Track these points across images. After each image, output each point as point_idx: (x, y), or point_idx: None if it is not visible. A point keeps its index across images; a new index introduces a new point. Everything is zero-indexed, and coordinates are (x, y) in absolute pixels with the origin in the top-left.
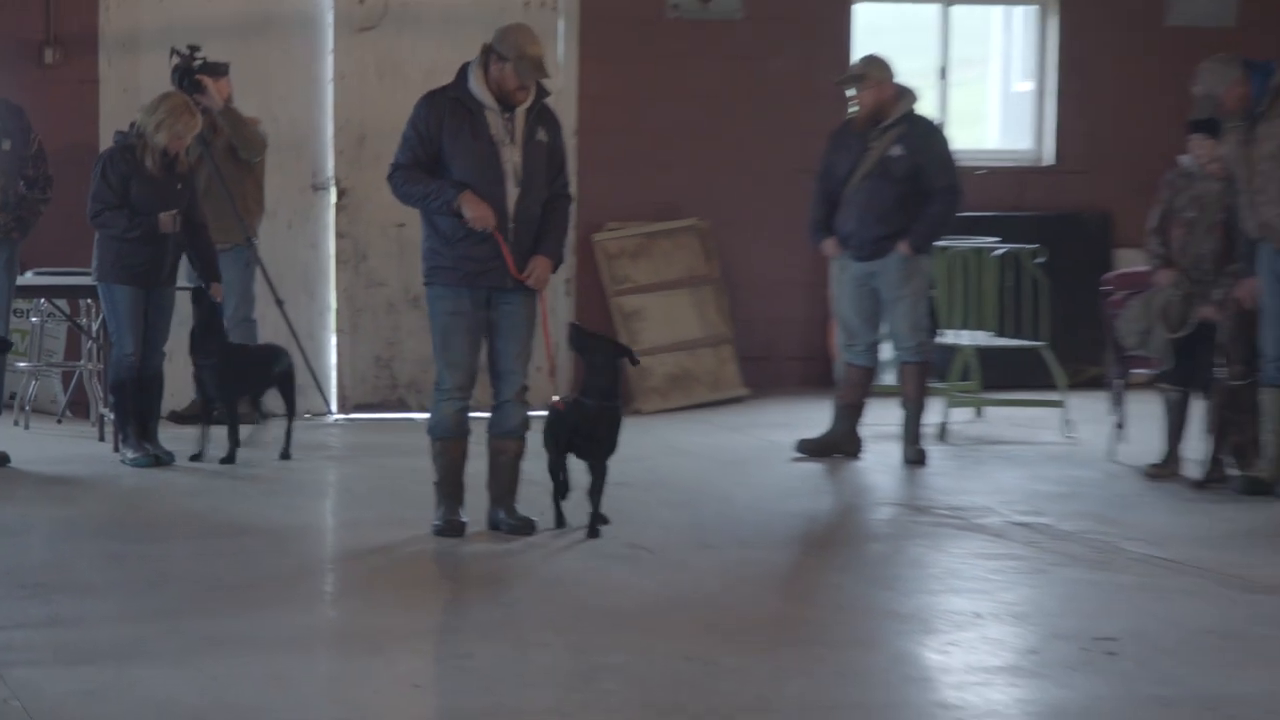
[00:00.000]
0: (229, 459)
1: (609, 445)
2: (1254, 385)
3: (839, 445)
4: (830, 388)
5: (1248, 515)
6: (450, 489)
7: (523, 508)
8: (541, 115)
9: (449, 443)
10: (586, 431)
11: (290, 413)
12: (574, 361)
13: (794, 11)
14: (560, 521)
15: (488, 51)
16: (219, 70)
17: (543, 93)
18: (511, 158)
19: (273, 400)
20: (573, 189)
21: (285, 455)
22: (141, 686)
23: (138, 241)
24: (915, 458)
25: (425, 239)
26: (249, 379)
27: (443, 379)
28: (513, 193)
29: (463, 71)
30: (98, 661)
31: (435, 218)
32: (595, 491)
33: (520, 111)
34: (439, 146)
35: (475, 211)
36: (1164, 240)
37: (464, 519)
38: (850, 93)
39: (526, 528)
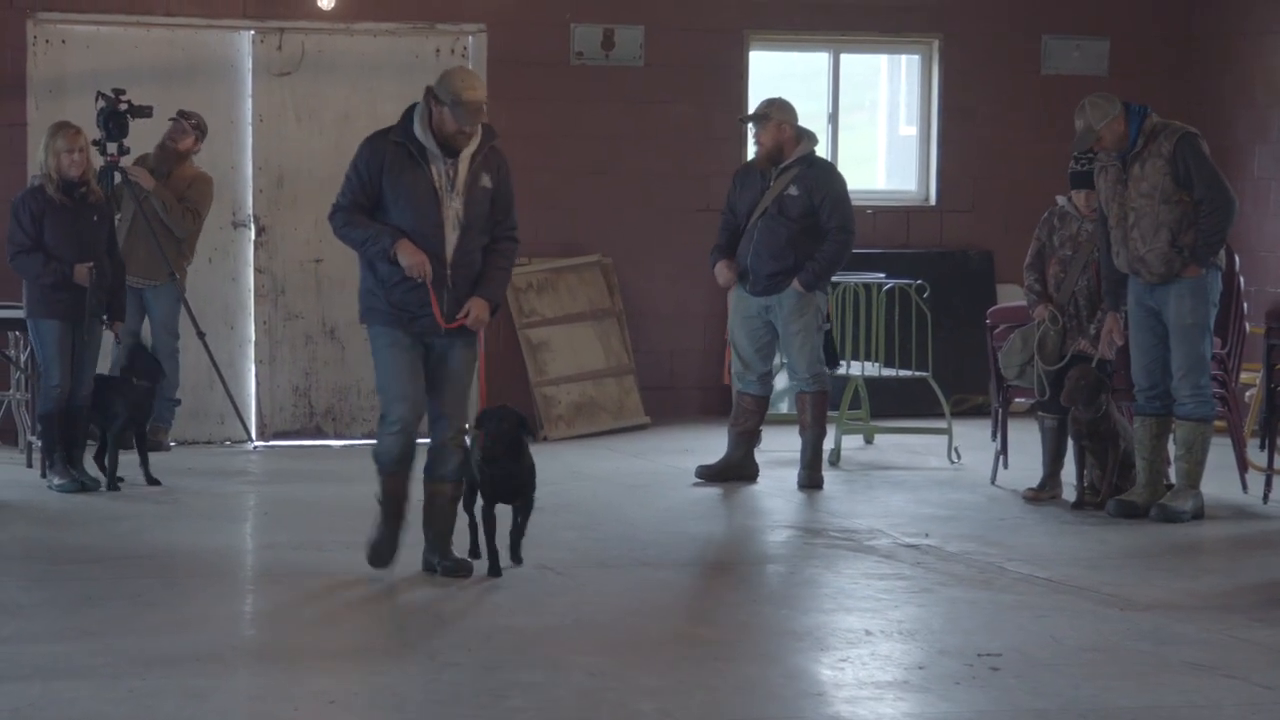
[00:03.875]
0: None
1: (530, 491)
2: (1106, 416)
3: (737, 470)
4: (725, 416)
5: (1121, 537)
6: (393, 509)
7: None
8: (488, 160)
9: (392, 475)
10: (507, 487)
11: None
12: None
13: (692, 59)
14: (495, 569)
15: (429, 95)
16: (145, 112)
17: (490, 135)
18: (452, 204)
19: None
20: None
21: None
22: (67, 703)
23: (54, 286)
24: (810, 482)
25: (362, 279)
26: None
27: (388, 413)
28: (451, 239)
29: (408, 114)
30: (25, 679)
31: (373, 261)
32: (520, 526)
33: (465, 156)
34: (379, 189)
35: (411, 260)
36: (1040, 276)
37: (399, 543)
38: (752, 131)
39: (463, 570)
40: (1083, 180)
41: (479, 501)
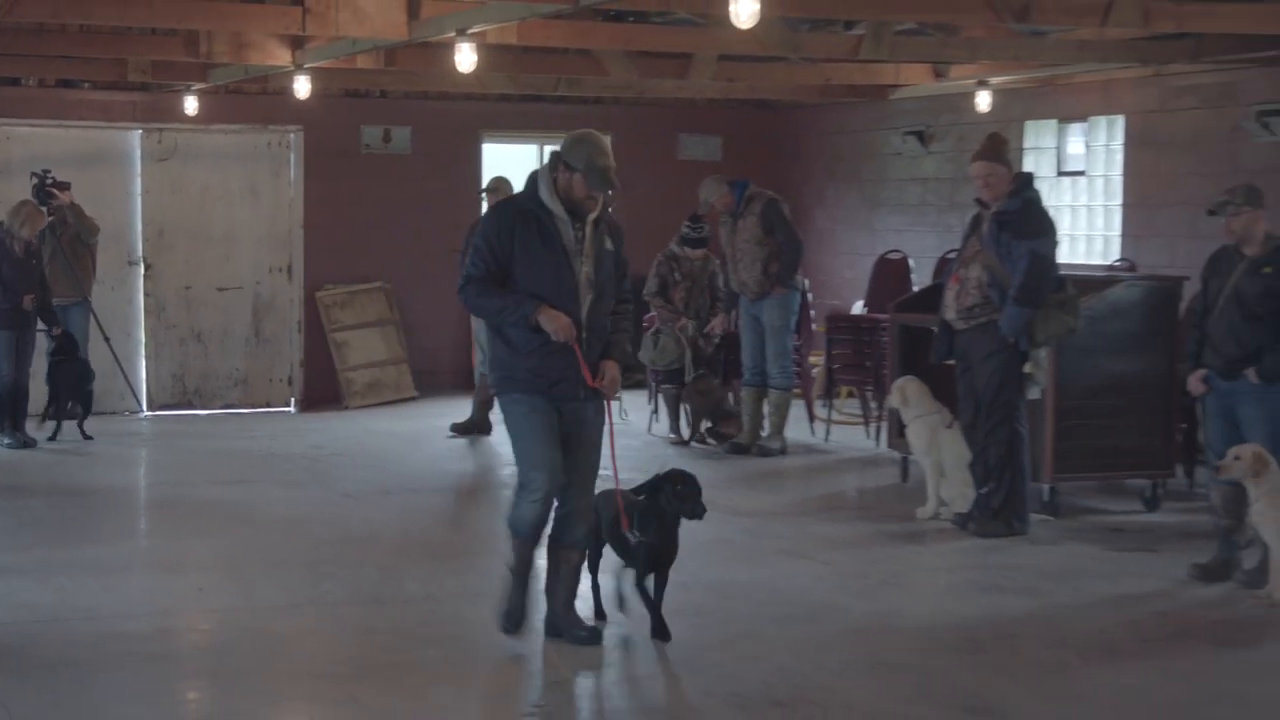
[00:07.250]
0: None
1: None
2: (705, 378)
3: (478, 427)
4: (472, 390)
5: (732, 467)
6: (525, 573)
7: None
8: (609, 224)
9: (527, 540)
10: (663, 558)
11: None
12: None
13: (443, 149)
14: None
15: (557, 160)
16: (64, 186)
17: (607, 202)
18: (583, 267)
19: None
20: (301, 267)
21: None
22: (14, 595)
23: (7, 310)
24: None
25: (493, 349)
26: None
27: (531, 481)
28: (585, 302)
29: (532, 180)
30: None
31: (507, 329)
32: (659, 594)
33: (589, 221)
34: (510, 257)
35: (555, 324)
36: (667, 299)
37: (528, 609)
38: (485, 198)
39: (595, 638)
40: (694, 244)
41: (604, 565)
